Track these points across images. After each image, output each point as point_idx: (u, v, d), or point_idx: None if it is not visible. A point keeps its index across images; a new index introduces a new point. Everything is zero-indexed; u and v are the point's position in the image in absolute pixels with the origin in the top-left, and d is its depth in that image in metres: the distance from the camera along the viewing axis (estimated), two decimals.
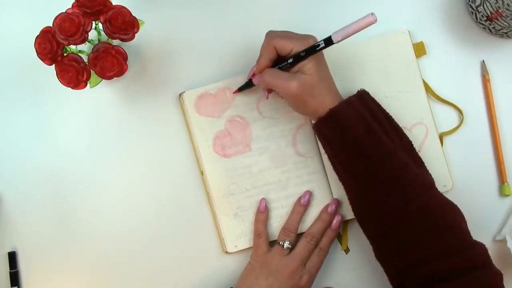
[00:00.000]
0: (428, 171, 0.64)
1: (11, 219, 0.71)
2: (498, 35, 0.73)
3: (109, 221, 0.72)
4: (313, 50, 0.60)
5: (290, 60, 0.62)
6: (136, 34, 0.62)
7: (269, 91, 0.67)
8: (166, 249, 0.71)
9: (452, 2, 0.74)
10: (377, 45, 0.71)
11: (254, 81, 0.67)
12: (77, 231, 0.72)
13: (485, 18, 0.71)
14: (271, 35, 0.63)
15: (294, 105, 0.64)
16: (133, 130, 0.72)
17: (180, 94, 0.72)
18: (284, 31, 0.64)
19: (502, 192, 0.73)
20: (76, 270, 0.71)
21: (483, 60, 0.74)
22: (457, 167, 0.65)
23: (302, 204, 0.70)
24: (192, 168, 0.72)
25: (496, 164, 0.73)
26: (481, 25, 0.73)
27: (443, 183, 0.70)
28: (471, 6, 0.73)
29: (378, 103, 0.65)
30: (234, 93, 0.71)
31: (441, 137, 0.72)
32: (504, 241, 0.71)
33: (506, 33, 0.71)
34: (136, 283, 0.71)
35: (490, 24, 0.71)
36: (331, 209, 0.70)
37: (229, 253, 0.71)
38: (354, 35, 0.57)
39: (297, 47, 0.61)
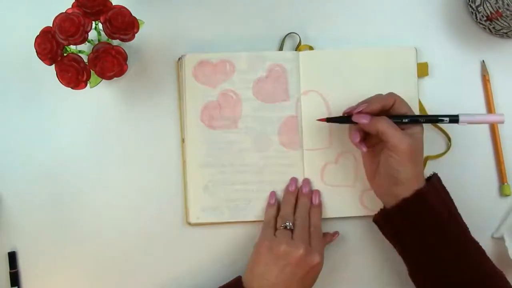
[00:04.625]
0: None
1: (11, 219, 0.71)
2: (498, 35, 0.73)
3: (109, 220, 0.72)
4: (435, 121, 0.64)
5: (406, 120, 0.63)
6: (136, 34, 0.62)
7: (361, 139, 0.65)
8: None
9: (452, 2, 0.74)
10: (382, 56, 0.71)
11: (359, 118, 0.63)
12: (77, 231, 0.71)
13: (485, 18, 0.71)
14: (392, 92, 0.64)
15: (393, 165, 0.62)
16: (133, 130, 0.72)
17: (180, 57, 0.71)
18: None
19: (503, 192, 0.73)
20: (76, 270, 0.71)
21: (483, 60, 0.73)
22: (457, 166, 0.65)
23: (291, 191, 0.70)
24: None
25: (496, 164, 0.73)
26: (481, 25, 0.73)
27: None
28: (471, 6, 0.73)
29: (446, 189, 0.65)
30: (319, 120, 0.68)
31: (425, 160, 0.71)
32: (501, 239, 0.71)
33: (506, 33, 0.71)
34: (137, 283, 0.72)
35: (490, 24, 0.71)
36: (305, 190, 0.70)
37: (191, 224, 0.71)
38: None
39: (410, 113, 0.63)
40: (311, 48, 0.72)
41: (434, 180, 0.64)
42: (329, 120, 0.67)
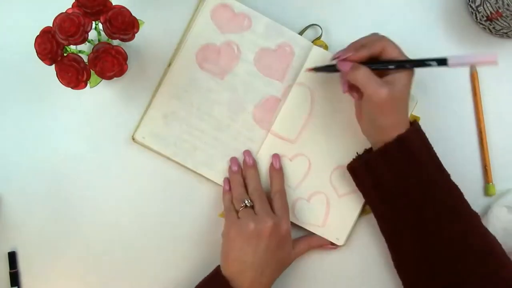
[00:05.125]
0: None
1: (11, 219, 0.71)
2: (498, 35, 0.73)
3: (110, 220, 0.72)
4: (422, 64, 0.60)
5: (392, 67, 0.61)
6: (136, 34, 0.62)
7: (350, 88, 0.65)
8: None
9: (452, 2, 0.74)
10: None
11: (342, 66, 0.63)
12: (77, 231, 0.72)
13: (485, 18, 0.71)
14: (383, 36, 0.63)
15: (372, 113, 0.63)
16: (133, 130, 0.72)
17: None
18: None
19: (487, 192, 0.73)
20: (76, 270, 0.71)
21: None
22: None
23: (235, 171, 0.70)
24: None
25: (481, 163, 0.73)
26: (481, 25, 0.73)
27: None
28: (471, 6, 0.73)
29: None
30: (308, 70, 0.70)
31: None
32: None
33: (506, 33, 0.71)
34: (137, 283, 0.72)
35: (490, 24, 0.71)
36: (250, 161, 0.70)
37: (135, 141, 0.71)
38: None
39: (400, 57, 0.62)
40: (326, 47, 0.72)
41: (416, 125, 0.64)
42: (317, 69, 0.68)
